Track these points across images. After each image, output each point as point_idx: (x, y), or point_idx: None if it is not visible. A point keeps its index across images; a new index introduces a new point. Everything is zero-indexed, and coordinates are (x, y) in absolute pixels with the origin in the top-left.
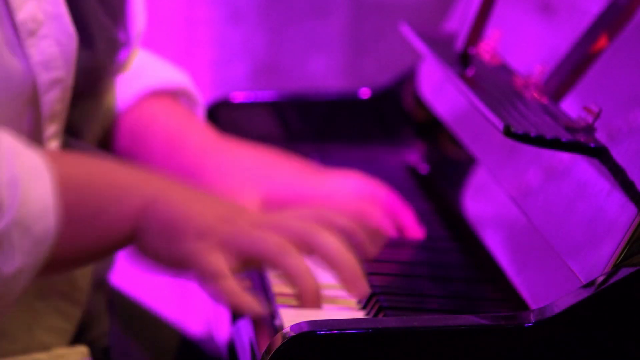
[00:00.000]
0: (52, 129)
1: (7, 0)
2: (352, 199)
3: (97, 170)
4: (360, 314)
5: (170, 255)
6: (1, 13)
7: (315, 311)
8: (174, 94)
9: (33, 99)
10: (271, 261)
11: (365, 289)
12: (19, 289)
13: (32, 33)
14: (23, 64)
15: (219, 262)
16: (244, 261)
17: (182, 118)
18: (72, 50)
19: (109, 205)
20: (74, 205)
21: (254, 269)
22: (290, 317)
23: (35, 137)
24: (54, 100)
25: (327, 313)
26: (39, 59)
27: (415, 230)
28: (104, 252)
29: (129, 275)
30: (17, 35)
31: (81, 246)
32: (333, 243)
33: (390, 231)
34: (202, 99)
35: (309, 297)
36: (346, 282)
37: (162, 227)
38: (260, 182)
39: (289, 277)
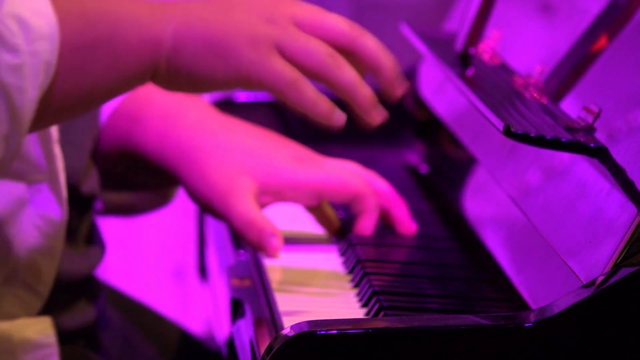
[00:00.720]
0: None
1: None
2: (346, 181)
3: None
4: (360, 314)
5: (226, 72)
6: None
7: (311, 303)
8: None
9: None
10: (322, 74)
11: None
12: (29, 98)
13: None
14: None
15: (287, 67)
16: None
17: (180, 95)
18: None
19: (126, 27)
20: (82, 30)
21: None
22: (287, 303)
23: None
24: None
25: (324, 306)
26: None
27: (408, 224)
28: (129, 80)
29: (128, 278)
30: None
31: (103, 72)
32: (375, 45)
33: (375, 218)
34: (204, 99)
35: (365, 106)
36: (387, 82)
37: (207, 44)
38: (257, 168)
39: (341, 89)
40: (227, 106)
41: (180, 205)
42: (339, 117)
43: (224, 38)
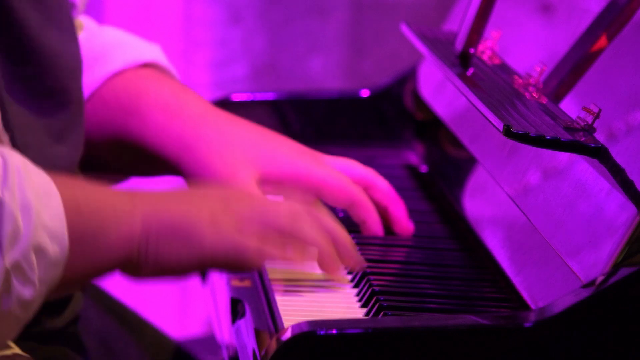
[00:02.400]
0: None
1: None
2: (346, 185)
3: (92, 191)
4: (360, 314)
5: (191, 254)
6: None
7: (311, 303)
8: (152, 66)
9: None
10: (286, 227)
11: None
12: (32, 312)
13: None
14: None
15: (250, 237)
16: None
17: (175, 87)
18: None
19: (109, 225)
20: (77, 226)
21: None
22: (286, 303)
23: None
24: None
25: (324, 306)
26: None
27: (405, 223)
28: (103, 272)
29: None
30: None
31: (83, 267)
32: (315, 237)
33: (378, 225)
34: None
35: (326, 259)
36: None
37: (172, 233)
38: (258, 160)
39: (305, 241)
40: (225, 105)
41: None
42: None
43: (185, 221)
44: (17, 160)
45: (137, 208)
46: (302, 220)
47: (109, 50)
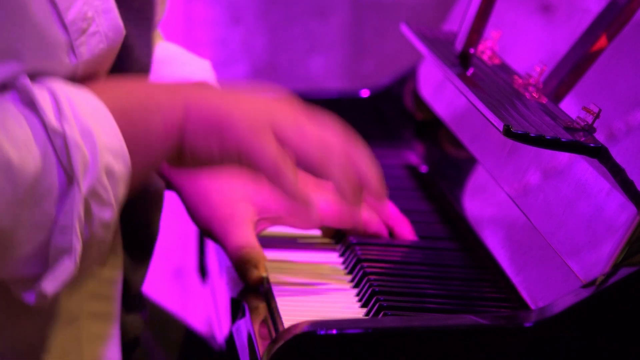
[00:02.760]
0: None
1: (54, 1)
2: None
3: (133, 88)
4: (360, 314)
5: (220, 148)
6: (51, 14)
7: (311, 303)
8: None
9: None
10: (314, 161)
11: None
12: (112, 232)
13: (82, 31)
14: (72, 62)
15: (275, 149)
16: None
17: None
18: (118, 42)
19: (152, 118)
20: (129, 131)
21: None
22: (286, 303)
23: None
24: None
25: (324, 306)
26: (88, 56)
27: (407, 232)
28: (153, 166)
29: None
30: (68, 34)
31: (138, 167)
32: (366, 163)
33: (384, 233)
34: None
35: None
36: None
37: (210, 123)
38: (259, 193)
39: (331, 179)
40: None
41: (180, 205)
42: (313, 214)
43: (225, 117)
44: (63, 88)
45: (180, 99)
46: (333, 161)
47: (160, 67)
